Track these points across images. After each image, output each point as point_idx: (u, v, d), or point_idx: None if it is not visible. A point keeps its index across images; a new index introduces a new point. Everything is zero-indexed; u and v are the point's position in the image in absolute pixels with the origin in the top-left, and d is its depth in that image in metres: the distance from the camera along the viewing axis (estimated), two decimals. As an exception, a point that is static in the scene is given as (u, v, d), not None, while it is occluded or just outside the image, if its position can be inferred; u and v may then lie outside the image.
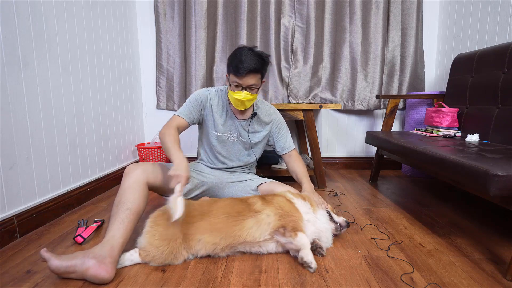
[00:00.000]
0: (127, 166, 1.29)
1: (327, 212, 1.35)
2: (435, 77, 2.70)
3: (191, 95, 1.58)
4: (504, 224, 1.53)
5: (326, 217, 1.32)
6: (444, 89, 2.49)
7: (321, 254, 1.21)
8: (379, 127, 2.76)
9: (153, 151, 2.44)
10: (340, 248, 1.28)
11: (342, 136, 2.80)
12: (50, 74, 1.59)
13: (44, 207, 1.52)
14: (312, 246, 1.22)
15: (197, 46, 2.56)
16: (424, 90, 2.65)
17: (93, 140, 1.98)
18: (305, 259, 1.11)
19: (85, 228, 1.38)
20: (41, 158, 1.52)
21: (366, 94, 2.62)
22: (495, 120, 1.72)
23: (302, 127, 2.67)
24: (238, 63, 1.38)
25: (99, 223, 1.47)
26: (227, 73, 1.49)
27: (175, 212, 1.09)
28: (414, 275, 1.08)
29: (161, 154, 2.48)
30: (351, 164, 2.81)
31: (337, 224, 1.33)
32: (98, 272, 0.99)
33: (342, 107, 2.62)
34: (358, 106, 2.64)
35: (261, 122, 1.64)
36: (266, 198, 1.30)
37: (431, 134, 1.99)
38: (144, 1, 2.61)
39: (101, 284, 1.01)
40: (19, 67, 1.39)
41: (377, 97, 2.41)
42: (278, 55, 2.60)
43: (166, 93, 2.67)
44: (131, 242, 1.18)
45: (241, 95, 1.43)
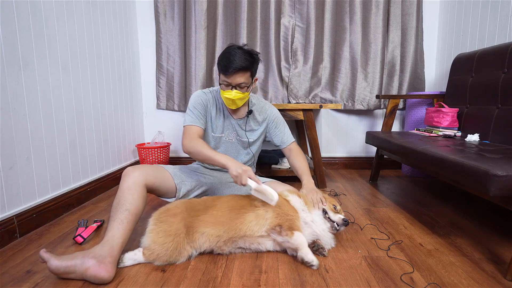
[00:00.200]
0: (125, 168, 1.30)
1: (323, 210, 1.31)
2: (435, 77, 2.70)
3: (193, 101, 1.54)
4: (504, 224, 1.53)
5: (321, 217, 1.28)
6: (444, 89, 2.49)
7: (323, 255, 1.20)
8: (379, 127, 2.76)
9: (153, 151, 2.44)
10: (340, 248, 1.28)
11: (342, 136, 2.80)
12: (50, 74, 1.59)
13: (44, 207, 1.52)
14: (314, 246, 1.22)
15: (197, 46, 2.56)
16: (424, 90, 2.65)
17: (93, 140, 1.98)
18: (306, 259, 1.11)
19: (85, 228, 1.38)
20: (41, 158, 1.52)
21: (366, 94, 2.62)
22: (495, 120, 1.72)
23: (302, 127, 2.67)
24: (226, 62, 1.37)
25: (99, 223, 1.47)
26: (218, 73, 1.47)
27: (273, 197, 1.19)
28: (414, 275, 1.08)
29: (161, 154, 2.48)
30: (351, 164, 2.81)
31: (333, 223, 1.28)
32: (98, 272, 0.99)
33: (342, 107, 2.62)
34: (358, 106, 2.64)
35: (257, 120, 1.63)
36: None
37: (431, 134, 1.99)
38: (144, 1, 2.61)
39: (101, 284, 1.01)
40: (19, 67, 1.39)
41: (377, 97, 2.41)
42: (278, 55, 2.60)
43: (166, 93, 2.68)
44: (129, 244, 1.18)
45: (231, 94, 1.42)
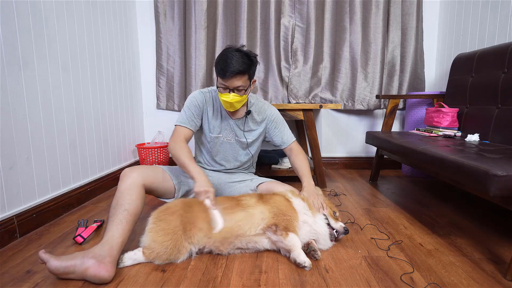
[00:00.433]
0: (123, 169, 1.30)
1: (324, 215, 1.32)
2: (435, 77, 2.70)
3: (188, 101, 1.54)
4: (504, 224, 1.53)
5: (324, 221, 1.29)
6: (444, 89, 2.49)
7: (315, 258, 1.18)
8: (379, 127, 2.76)
9: (153, 151, 2.44)
10: (340, 248, 1.28)
11: (342, 136, 2.80)
12: (50, 74, 1.59)
13: (44, 207, 1.52)
14: (307, 248, 1.21)
15: (197, 46, 2.56)
16: (424, 90, 2.65)
17: (93, 140, 1.98)
18: (298, 260, 1.12)
19: (85, 228, 1.38)
20: (41, 158, 1.52)
21: (366, 94, 2.62)
22: (495, 120, 1.72)
23: (302, 127, 2.67)
24: (223, 66, 1.35)
25: (99, 223, 1.47)
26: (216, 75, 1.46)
27: (217, 225, 1.17)
28: (414, 275, 1.08)
29: (161, 155, 2.48)
30: (351, 164, 2.81)
31: (333, 230, 1.29)
32: (98, 271, 0.99)
33: (342, 107, 2.62)
34: (358, 106, 2.64)
35: (256, 120, 1.62)
36: (264, 197, 1.31)
37: (431, 134, 1.99)
38: (144, 1, 2.61)
39: (101, 283, 1.01)
40: (19, 67, 1.39)
41: (377, 97, 2.41)
42: (278, 55, 2.60)
43: (166, 93, 2.68)
44: (128, 244, 1.18)
45: (228, 97, 1.41)
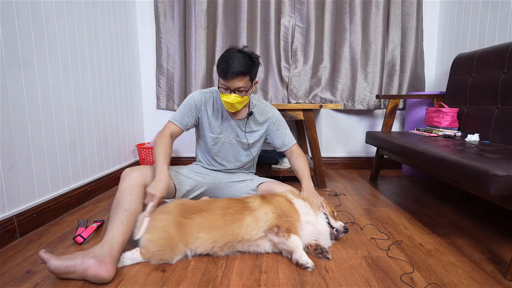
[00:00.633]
0: (124, 170, 1.30)
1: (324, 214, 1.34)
2: (435, 77, 2.70)
3: (185, 100, 1.56)
4: (504, 224, 1.53)
5: (325, 220, 1.30)
6: (444, 89, 2.49)
7: (327, 258, 1.19)
8: (379, 127, 2.76)
9: (153, 151, 2.44)
10: (340, 248, 1.28)
11: (342, 136, 2.80)
12: (50, 74, 1.59)
13: (44, 207, 1.52)
14: (315, 250, 1.21)
15: (197, 46, 2.56)
16: (424, 90, 2.65)
17: (93, 140, 1.98)
18: (300, 261, 1.11)
19: (85, 228, 1.38)
20: (41, 158, 1.52)
21: (366, 94, 2.62)
22: (495, 120, 1.72)
23: (302, 127, 2.67)
24: (225, 66, 1.35)
25: (99, 223, 1.47)
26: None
27: (139, 231, 1.13)
28: (414, 275, 1.08)
29: (161, 154, 2.47)
30: (351, 164, 2.81)
31: (333, 230, 1.30)
32: (98, 271, 0.99)
33: (342, 107, 2.62)
34: (358, 106, 2.64)
35: (257, 121, 1.62)
36: (266, 198, 1.30)
37: (431, 134, 1.99)
38: (144, 1, 2.61)
39: (101, 283, 1.01)
40: (19, 67, 1.39)
41: (377, 97, 2.41)
42: (278, 55, 2.60)
43: (166, 93, 2.67)
44: (128, 244, 1.18)
45: (229, 97, 1.41)
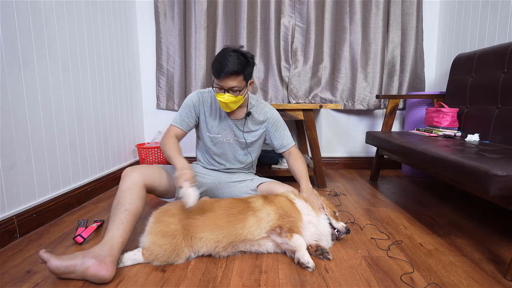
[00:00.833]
0: (125, 168, 1.30)
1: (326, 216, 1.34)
2: (435, 77, 2.70)
3: (184, 102, 1.58)
4: (504, 224, 1.53)
5: (327, 221, 1.31)
6: (444, 89, 2.49)
7: (328, 259, 1.19)
8: (379, 127, 2.76)
9: (153, 151, 2.44)
10: (340, 248, 1.28)
11: (342, 136, 2.80)
12: (50, 74, 1.59)
13: (44, 207, 1.52)
14: (316, 250, 1.21)
15: (197, 46, 2.56)
16: (424, 90, 2.65)
17: (93, 140, 1.98)
18: (302, 260, 1.11)
19: (85, 228, 1.38)
20: (41, 158, 1.52)
21: (366, 94, 2.62)
22: (495, 120, 1.72)
23: (302, 127, 2.67)
24: (218, 66, 1.35)
25: (99, 223, 1.47)
26: None
27: (189, 200, 1.14)
28: (414, 275, 1.08)
29: (161, 155, 2.48)
30: (351, 164, 2.81)
31: (335, 230, 1.31)
32: (98, 271, 0.99)
33: (342, 107, 2.62)
34: (358, 106, 2.64)
35: (256, 121, 1.62)
36: (269, 198, 1.31)
37: (431, 134, 1.99)
38: (144, 1, 2.61)
39: (101, 283, 1.01)
40: (19, 67, 1.39)
41: (377, 97, 2.41)
42: (278, 55, 2.60)
43: (166, 93, 2.67)
44: (129, 244, 1.18)
45: (223, 97, 1.41)
